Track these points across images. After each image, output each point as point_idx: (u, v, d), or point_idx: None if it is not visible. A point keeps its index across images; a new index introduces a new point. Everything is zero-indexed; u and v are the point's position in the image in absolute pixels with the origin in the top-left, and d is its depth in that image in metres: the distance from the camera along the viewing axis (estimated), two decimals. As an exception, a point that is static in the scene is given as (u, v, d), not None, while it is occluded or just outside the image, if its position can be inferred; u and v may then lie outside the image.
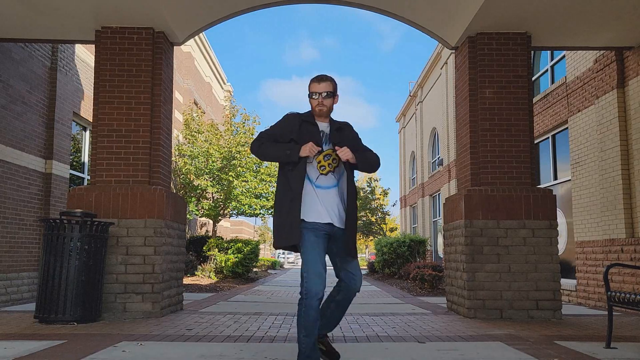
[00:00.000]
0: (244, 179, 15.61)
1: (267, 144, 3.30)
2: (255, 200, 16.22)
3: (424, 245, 15.64)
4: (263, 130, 3.45)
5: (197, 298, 8.82)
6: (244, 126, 16.61)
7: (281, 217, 3.22)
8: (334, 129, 3.38)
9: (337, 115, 3.56)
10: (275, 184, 16.59)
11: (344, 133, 3.40)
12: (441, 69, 19.71)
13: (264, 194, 16.64)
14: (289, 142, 3.25)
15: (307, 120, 3.35)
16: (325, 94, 3.30)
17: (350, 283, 3.30)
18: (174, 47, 7.14)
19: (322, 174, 3.24)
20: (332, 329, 3.49)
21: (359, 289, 3.33)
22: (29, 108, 8.17)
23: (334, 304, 3.38)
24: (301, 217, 3.17)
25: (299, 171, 3.21)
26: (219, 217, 16.81)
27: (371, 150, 3.46)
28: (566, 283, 9.06)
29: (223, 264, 14.02)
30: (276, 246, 3.25)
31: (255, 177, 15.98)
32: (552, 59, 10.33)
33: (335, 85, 3.38)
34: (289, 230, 3.15)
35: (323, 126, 3.38)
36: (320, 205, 3.20)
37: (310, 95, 3.35)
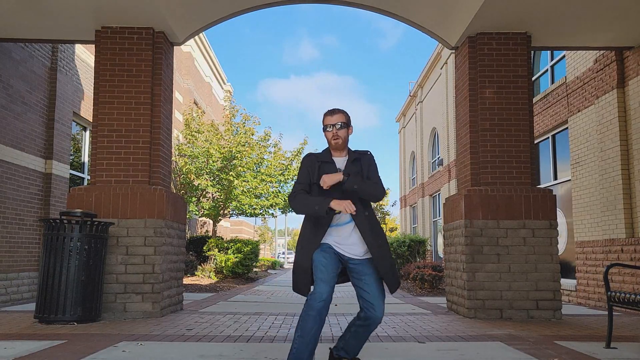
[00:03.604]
0: (244, 179, 15.60)
1: (299, 197, 3.26)
2: (255, 200, 16.21)
3: (424, 245, 15.64)
4: (295, 182, 3.40)
5: (197, 298, 8.82)
6: (244, 126, 16.61)
7: (296, 267, 3.24)
8: (350, 162, 3.35)
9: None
10: (274, 184, 16.59)
11: (359, 164, 3.35)
12: (441, 69, 19.71)
13: (264, 194, 16.64)
14: (311, 186, 3.28)
15: (324, 160, 3.33)
16: (340, 125, 3.28)
17: (369, 315, 3.19)
18: (174, 47, 7.14)
19: (335, 213, 3.21)
20: (352, 354, 3.38)
21: (379, 320, 3.20)
22: (29, 108, 8.18)
23: (354, 329, 3.31)
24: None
25: (324, 223, 3.21)
26: (219, 217, 16.80)
27: (378, 183, 3.34)
28: (566, 283, 9.06)
29: (223, 264, 14.02)
30: (293, 290, 3.26)
31: (256, 177, 15.97)
32: (552, 59, 10.33)
33: (347, 116, 3.37)
34: (301, 282, 3.19)
35: (340, 162, 3.35)
36: (332, 238, 3.22)
37: (324, 129, 3.33)
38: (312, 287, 3.15)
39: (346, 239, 3.21)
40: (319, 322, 3.00)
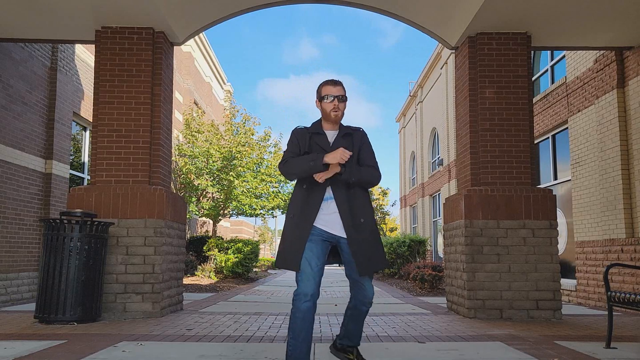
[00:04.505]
0: (244, 179, 15.61)
1: (290, 161, 3.15)
2: (255, 200, 16.21)
3: (424, 245, 15.64)
4: (285, 151, 3.28)
5: (197, 298, 8.82)
6: (244, 126, 16.62)
7: (286, 241, 3.12)
8: (341, 136, 3.22)
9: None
10: (275, 185, 16.59)
11: (350, 139, 3.22)
12: (441, 69, 19.71)
13: (264, 194, 16.65)
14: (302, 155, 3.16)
15: (315, 132, 3.22)
16: (341, 97, 3.16)
17: (358, 295, 3.17)
18: (174, 47, 7.14)
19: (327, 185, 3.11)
20: (354, 342, 3.37)
21: (370, 302, 3.19)
22: (29, 108, 8.18)
23: (349, 312, 3.30)
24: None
25: (320, 190, 3.09)
26: (219, 217, 16.81)
27: (373, 167, 3.23)
28: (566, 283, 9.06)
29: (223, 264, 14.02)
30: (277, 265, 3.15)
31: (256, 177, 15.98)
32: (552, 59, 10.33)
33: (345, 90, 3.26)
34: (292, 256, 3.06)
35: (330, 135, 3.23)
36: (321, 216, 3.12)
37: (323, 98, 3.17)
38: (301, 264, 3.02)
39: (331, 217, 3.10)
40: (308, 321, 2.95)
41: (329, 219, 3.11)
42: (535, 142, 10.42)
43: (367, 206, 3.19)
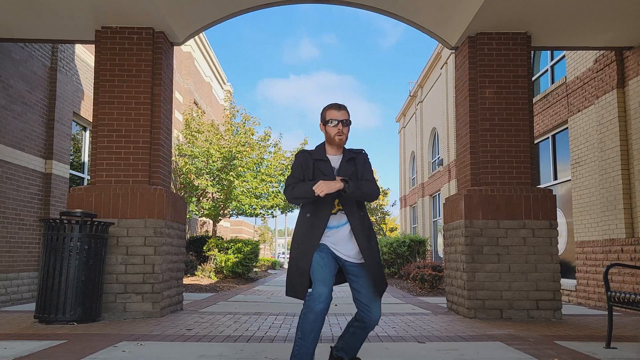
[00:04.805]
0: (244, 179, 15.61)
1: (295, 187, 3.15)
2: (255, 200, 16.21)
3: (424, 245, 15.63)
4: (289, 176, 3.28)
5: (197, 298, 8.82)
6: (244, 126, 16.62)
7: (292, 267, 3.14)
8: (345, 161, 3.23)
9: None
10: (275, 185, 16.59)
11: (354, 163, 3.24)
12: (441, 69, 19.71)
13: (264, 194, 16.64)
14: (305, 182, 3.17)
15: (319, 158, 3.21)
16: (345, 121, 3.16)
17: (364, 317, 3.17)
18: (174, 47, 7.14)
19: (331, 213, 3.12)
20: (351, 354, 3.36)
21: (376, 323, 3.19)
22: (29, 108, 8.18)
23: (352, 329, 3.29)
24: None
25: (323, 217, 3.10)
26: (219, 217, 16.81)
27: (373, 182, 3.24)
28: (566, 283, 9.06)
29: (223, 264, 14.02)
30: (287, 294, 3.17)
31: (256, 177, 15.98)
32: (552, 59, 10.33)
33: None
34: (298, 284, 3.08)
35: (334, 160, 3.23)
36: (329, 239, 3.13)
37: (327, 122, 3.17)
38: (308, 290, 3.07)
39: (342, 241, 3.13)
40: (319, 323, 2.95)
41: (339, 243, 3.13)
42: (535, 142, 10.42)
43: (373, 230, 3.24)
